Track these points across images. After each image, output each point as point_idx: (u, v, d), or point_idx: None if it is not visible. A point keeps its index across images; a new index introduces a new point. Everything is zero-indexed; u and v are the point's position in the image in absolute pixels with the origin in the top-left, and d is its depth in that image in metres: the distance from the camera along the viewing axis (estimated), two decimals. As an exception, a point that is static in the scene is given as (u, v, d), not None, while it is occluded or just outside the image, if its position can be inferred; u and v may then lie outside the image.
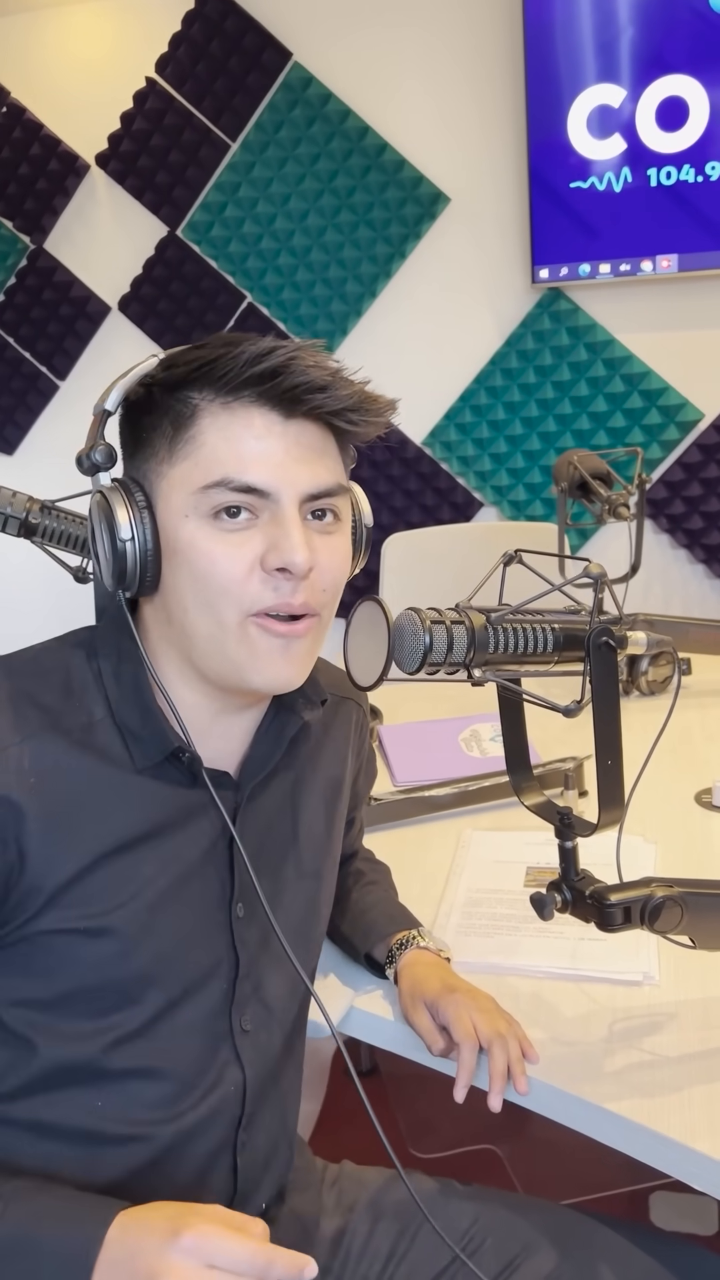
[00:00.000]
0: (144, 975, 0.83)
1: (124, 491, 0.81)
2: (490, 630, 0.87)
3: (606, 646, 0.87)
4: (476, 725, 1.79)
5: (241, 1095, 0.90)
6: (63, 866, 0.79)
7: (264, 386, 0.77)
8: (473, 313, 2.95)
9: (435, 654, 0.84)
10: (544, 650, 0.90)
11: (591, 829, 0.93)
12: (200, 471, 0.78)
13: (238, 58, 2.89)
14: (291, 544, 0.78)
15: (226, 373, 0.77)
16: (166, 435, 0.80)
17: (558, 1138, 1.96)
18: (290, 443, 0.79)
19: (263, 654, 0.81)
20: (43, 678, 0.84)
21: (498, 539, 2.54)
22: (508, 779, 1.51)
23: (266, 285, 3.06)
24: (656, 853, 1.36)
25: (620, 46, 2.58)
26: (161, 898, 0.84)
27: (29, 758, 0.79)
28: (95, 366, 3.30)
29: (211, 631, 0.80)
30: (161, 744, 0.83)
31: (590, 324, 2.85)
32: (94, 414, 0.84)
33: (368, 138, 2.86)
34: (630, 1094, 0.94)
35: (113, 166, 3.08)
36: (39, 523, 1.37)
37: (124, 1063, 0.83)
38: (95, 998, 0.81)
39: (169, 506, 0.80)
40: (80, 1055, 0.81)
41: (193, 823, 0.86)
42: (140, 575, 0.80)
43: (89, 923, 0.80)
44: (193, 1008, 0.86)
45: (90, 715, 0.83)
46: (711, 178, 2.60)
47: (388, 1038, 1.08)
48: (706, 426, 2.84)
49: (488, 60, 2.76)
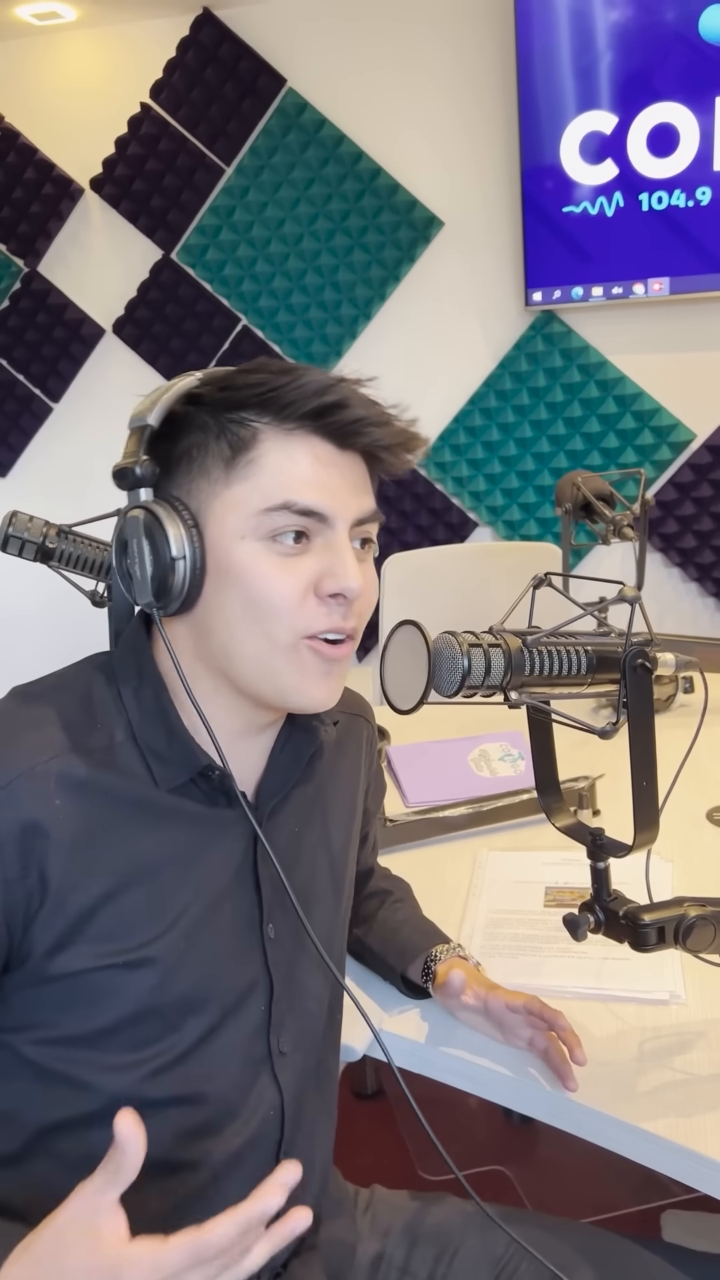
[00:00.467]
0: (184, 1002, 0.83)
1: (176, 512, 0.80)
2: (526, 653, 0.88)
3: (643, 668, 0.88)
4: (485, 745, 1.79)
5: (280, 1119, 0.90)
6: (87, 890, 0.78)
7: (326, 420, 0.79)
8: (467, 335, 2.98)
9: (473, 677, 0.85)
10: (577, 672, 0.91)
11: (625, 850, 0.94)
12: (261, 495, 0.79)
13: (232, 84, 2.91)
14: (347, 570, 0.79)
15: (292, 401, 0.78)
16: (222, 457, 0.80)
17: (566, 1158, 1.98)
18: (344, 472, 0.81)
19: (311, 675, 0.82)
20: (62, 701, 0.84)
21: (496, 559, 2.56)
22: (521, 799, 1.54)
23: (261, 308, 3.08)
24: (673, 870, 1.36)
25: (611, 74, 2.62)
26: (197, 923, 0.84)
27: (54, 779, 0.78)
28: (89, 389, 3.31)
29: (260, 651, 0.81)
30: (189, 762, 0.84)
31: (583, 346, 2.88)
32: (131, 428, 0.83)
33: (362, 162, 2.89)
34: (666, 1113, 0.94)
35: (107, 190, 3.10)
36: (56, 547, 1.37)
37: (165, 1091, 0.83)
38: (136, 1029, 0.81)
39: (222, 527, 0.80)
40: (121, 1087, 0.81)
41: (219, 844, 0.86)
42: (186, 593, 0.80)
43: (129, 955, 0.80)
44: (231, 1032, 0.86)
45: (111, 737, 0.83)
46: (702, 203, 2.64)
47: (419, 1060, 1.08)
48: (699, 446, 2.87)
49: (481, 86, 2.79)
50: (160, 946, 0.81)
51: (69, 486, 3.38)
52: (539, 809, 1.53)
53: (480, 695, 0.87)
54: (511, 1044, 1.04)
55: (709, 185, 2.62)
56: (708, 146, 2.60)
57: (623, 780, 1.60)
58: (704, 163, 2.61)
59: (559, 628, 0.90)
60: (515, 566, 2.51)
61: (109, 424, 3.33)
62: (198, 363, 3.18)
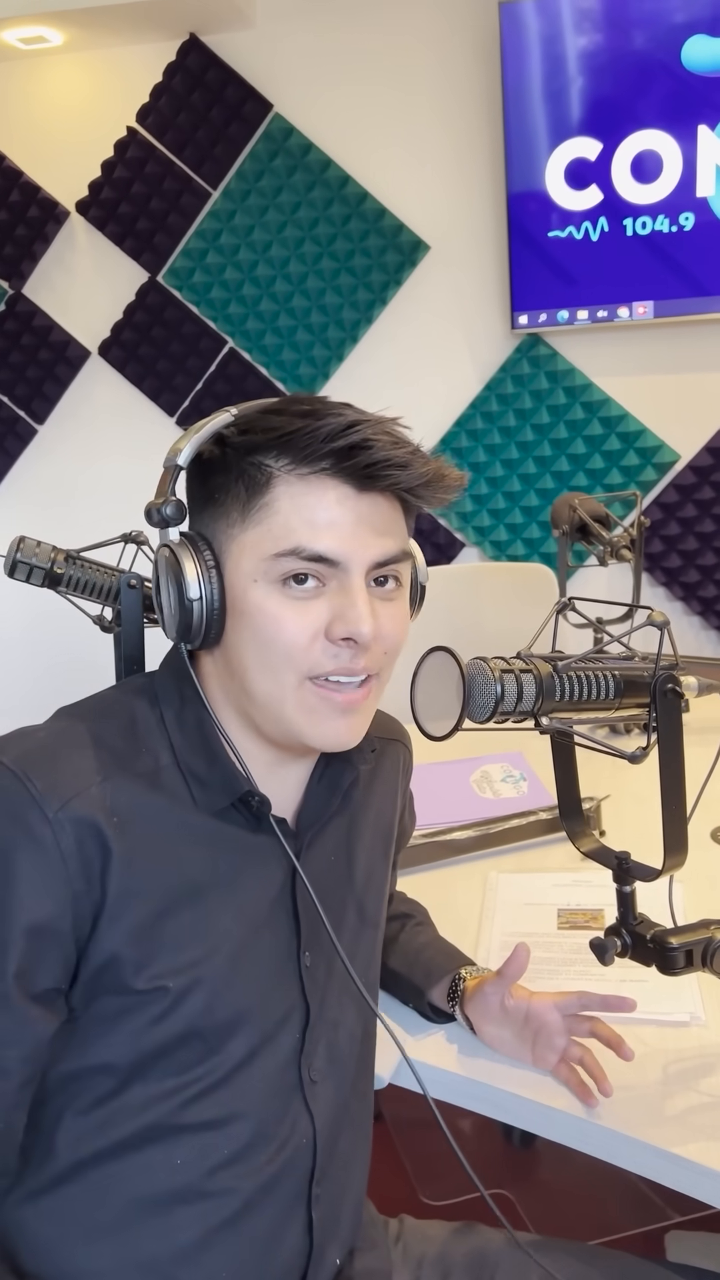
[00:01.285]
0: (225, 1027, 0.83)
1: (193, 549, 0.82)
2: (557, 678, 0.88)
3: (673, 693, 0.89)
4: (486, 766, 1.80)
5: (312, 1147, 0.90)
6: (138, 909, 0.79)
7: (344, 463, 0.79)
8: (453, 358, 3.00)
9: (506, 703, 0.85)
10: (605, 696, 0.91)
11: (654, 874, 0.94)
12: (271, 540, 0.80)
13: (219, 108, 2.93)
14: (358, 614, 0.80)
15: (307, 446, 0.78)
16: (239, 499, 0.81)
17: (567, 1180, 1.97)
18: (362, 513, 0.81)
19: (320, 715, 0.83)
20: (109, 722, 0.85)
21: (486, 579, 2.57)
22: (528, 821, 1.54)
23: (248, 330, 3.09)
24: (683, 891, 1.37)
25: (595, 101, 2.66)
26: (240, 948, 0.84)
27: (110, 797, 0.79)
28: (74, 411, 3.30)
29: (270, 691, 0.82)
30: (230, 787, 0.84)
31: (569, 368, 2.91)
32: (165, 466, 0.85)
33: (348, 187, 2.91)
34: (695, 1137, 0.95)
35: (93, 213, 3.10)
36: (64, 573, 1.36)
37: (200, 1116, 0.82)
38: (179, 1053, 0.81)
39: (238, 569, 0.81)
40: (159, 1115, 0.81)
41: (259, 870, 0.87)
42: (205, 631, 0.82)
43: (177, 978, 0.80)
44: (266, 1059, 0.86)
45: (157, 759, 0.84)
46: (685, 228, 2.68)
47: (444, 1087, 1.07)
48: (683, 468, 2.90)
49: (466, 111, 2.83)
50: (206, 969, 0.82)
51: (54, 509, 3.37)
52: (547, 830, 1.55)
53: (511, 721, 0.88)
54: (539, 1063, 1.04)
55: (692, 211, 2.66)
56: (690, 173, 2.64)
57: (627, 801, 1.62)
58: (687, 189, 2.65)
59: (590, 653, 0.91)
60: (506, 587, 2.52)
61: (94, 446, 3.32)
62: (184, 385, 3.18)
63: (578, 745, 0.99)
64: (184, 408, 3.21)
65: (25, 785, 0.77)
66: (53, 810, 0.76)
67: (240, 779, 0.85)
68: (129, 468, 3.29)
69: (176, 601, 0.82)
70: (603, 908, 1.32)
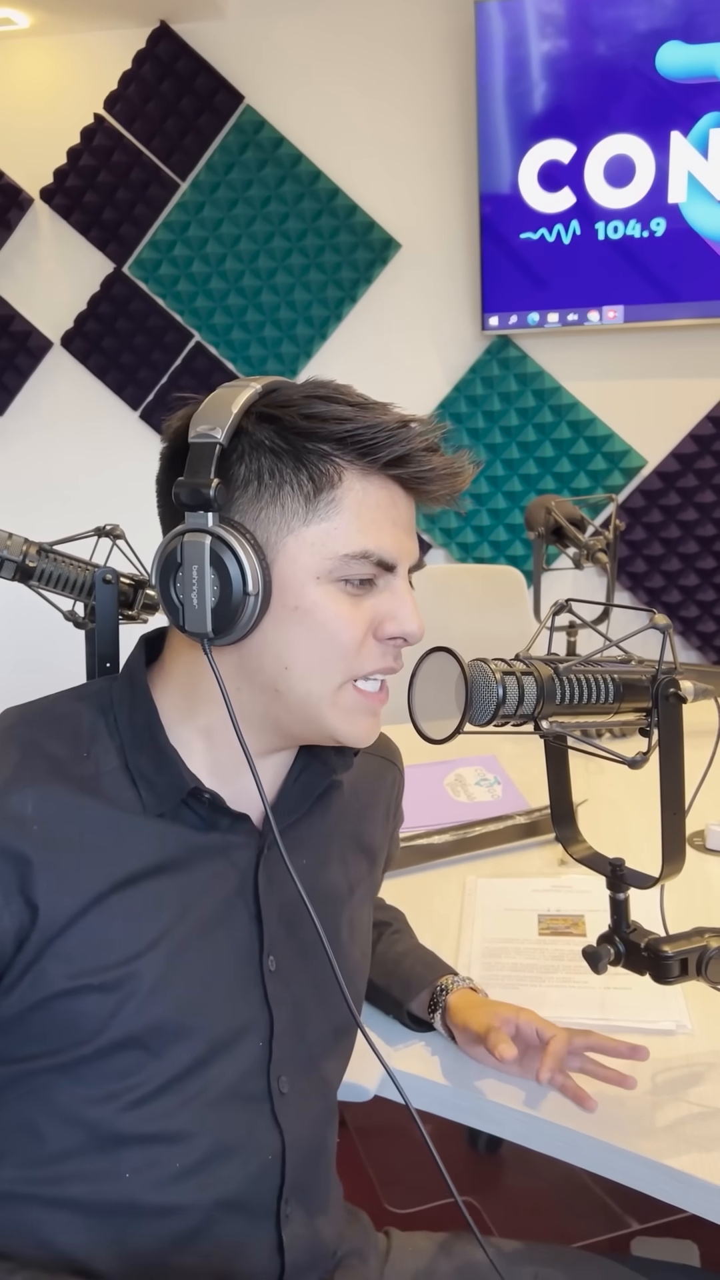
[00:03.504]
0: (164, 1029, 0.78)
1: (247, 540, 0.76)
2: (557, 681, 0.86)
3: (675, 697, 0.87)
4: (460, 770, 1.78)
5: (280, 1163, 0.85)
6: (67, 905, 0.75)
7: (405, 469, 0.78)
8: (422, 358, 2.99)
9: (507, 706, 0.83)
10: (605, 700, 0.89)
11: (651, 881, 0.92)
12: (341, 538, 0.77)
13: (189, 99, 2.89)
14: (408, 614, 0.81)
15: (376, 443, 0.76)
16: (303, 491, 0.77)
17: (533, 1186, 1.96)
18: (406, 515, 0.81)
19: (356, 714, 0.82)
20: (53, 726, 0.81)
21: (455, 581, 2.56)
22: (505, 825, 1.53)
23: (215, 325, 3.05)
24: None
25: (570, 104, 2.66)
26: (181, 945, 0.80)
27: (32, 804, 0.76)
28: (35, 403, 3.23)
29: (312, 690, 0.79)
30: (177, 785, 0.81)
31: (538, 371, 2.91)
32: (197, 442, 0.76)
33: (320, 182, 2.89)
34: (687, 1148, 0.93)
35: (58, 201, 3.05)
36: (36, 566, 1.32)
37: (147, 1126, 0.78)
38: (114, 1057, 0.77)
39: (295, 564, 0.77)
40: (98, 1119, 0.77)
41: (209, 864, 0.83)
42: (248, 626, 0.77)
43: (105, 975, 0.76)
44: (224, 1067, 0.82)
45: (98, 766, 0.80)
46: (657, 234, 2.69)
47: (428, 1099, 1.05)
48: (650, 473, 2.91)
49: (441, 110, 2.81)
50: (139, 965, 0.77)
51: (13, 502, 3.30)
52: (524, 835, 1.54)
53: (511, 724, 0.86)
54: (526, 1074, 1.02)
55: (664, 217, 2.67)
56: (663, 179, 2.65)
57: (602, 806, 1.61)
58: (659, 195, 2.66)
59: (591, 656, 0.89)
60: (475, 589, 2.51)
61: (56, 438, 3.26)
62: (148, 379, 3.13)
63: (572, 750, 0.97)
64: (148, 402, 3.16)
65: None
66: None
67: (187, 774, 0.81)
68: (91, 461, 3.24)
69: (220, 593, 0.75)
70: (583, 913, 1.31)
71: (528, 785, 1.73)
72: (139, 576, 1.38)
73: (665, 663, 0.90)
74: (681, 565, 2.95)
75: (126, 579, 1.36)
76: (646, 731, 0.91)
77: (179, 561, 0.77)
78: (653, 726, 0.89)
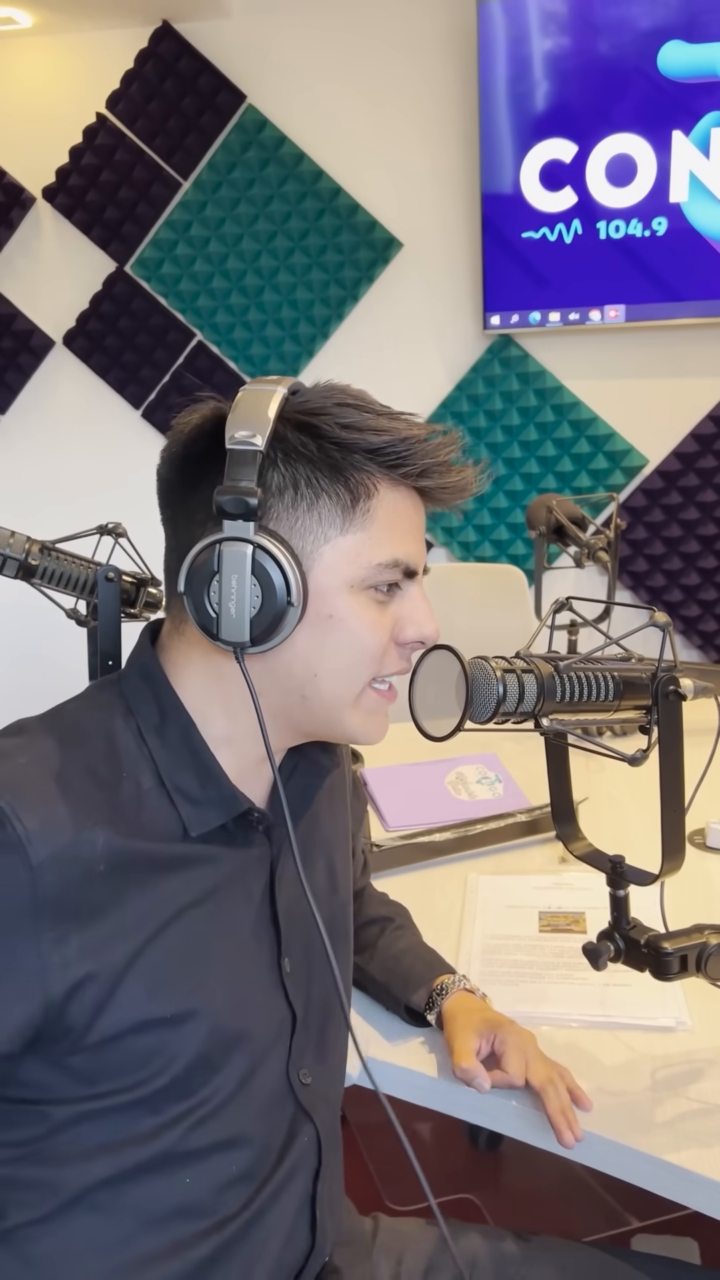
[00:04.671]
0: (226, 1047, 0.80)
1: (285, 549, 0.75)
2: (558, 678, 0.86)
3: (675, 694, 0.88)
4: (461, 768, 1.78)
5: (317, 1147, 0.89)
6: (127, 948, 0.74)
7: (431, 480, 0.80)
8: (424, 357, 2.99)
9: (508, 704, 0.83)
10: (605, 698, 0.90)
11: (651, 878, 0.93)
12: (374, 547, 0.79)
13: (191, 98, 2.89)
14: (427, 618, 0.83)
15: (408, 456, 0.78)
16: (341, 502, 0.77)
17: (533, 1183, 1.96)
18: (422, 522, 0.84)
19: (374, 715, 0.84)
20: (88, 743, 0.78)
21: (458, 580, 2.56)
22: (506, 823, 1.53)
23: (217, 324, 3.05)
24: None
25: (572, 104, 2.66)
26: (231, 966, 0.81)
27: (100, 845, 0.73)
28: (38, 402, 3.24)
29: (339, 694, 0.81)
30: (227, 806, 0.80)
31: (540, 370, 2.91)
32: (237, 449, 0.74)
33: (322, 181, 2.89)
34: (688, 1144, 0.93)
35: (60, 200, 3.05)
36: (39, 564, 1.32)
37: (208, 1139, 0.79)
38: (187, 1082, 0.77)
39: (331, 572, 0.78)
40: (168, 1143, 0.77)
41: (241, 880, 0.84)
42: (285, 636, 0.76)
43: (168, 1009, 0.76)
44: (265, 1071, 0.84)
45: (138, 784, 0.78)
46: (658, 233, 2.69)
47: (424, 1093, 1.05)
48: (651, 472, 2.91)
49: (442, 109, 2.81)
50: (196, 996, 0.77)
51: (15, 501, 3.30)
52: (525, 833, 1.54)
53: (511, 722, 0.86)
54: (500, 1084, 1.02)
55: (665, 216, 2.67)
56: (664, 179, 2.65)
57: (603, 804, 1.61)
58: (660, 194, 2.66)
59: (591, 653, 0.89)
60: (477, 588, 2.51)
61: (58, 437, 3.26)
62: (150, 378, 3.14)
63: (572, 747, 0.98)
64: (150, 400, 3.16)
65: (11, 823, 0.70)
66: (39, 856, 0.70)
67: (239, 796, 0.81)
68: (93, 460, 3.24)
69: (262, 603, 0.74)
70: (584, 911, 1.31)
71: (529, 783, 1.73)
72: (141, 574, 1.39)
73: (665, 660, 0.91)
74: (683, 564, 2.95)
75: (129, 577, 1.37)
76: (646, 729, 0.91)
77: (215, 570, 0.75)
78: (653, 724, 0.89)
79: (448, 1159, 2.04)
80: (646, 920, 0.97)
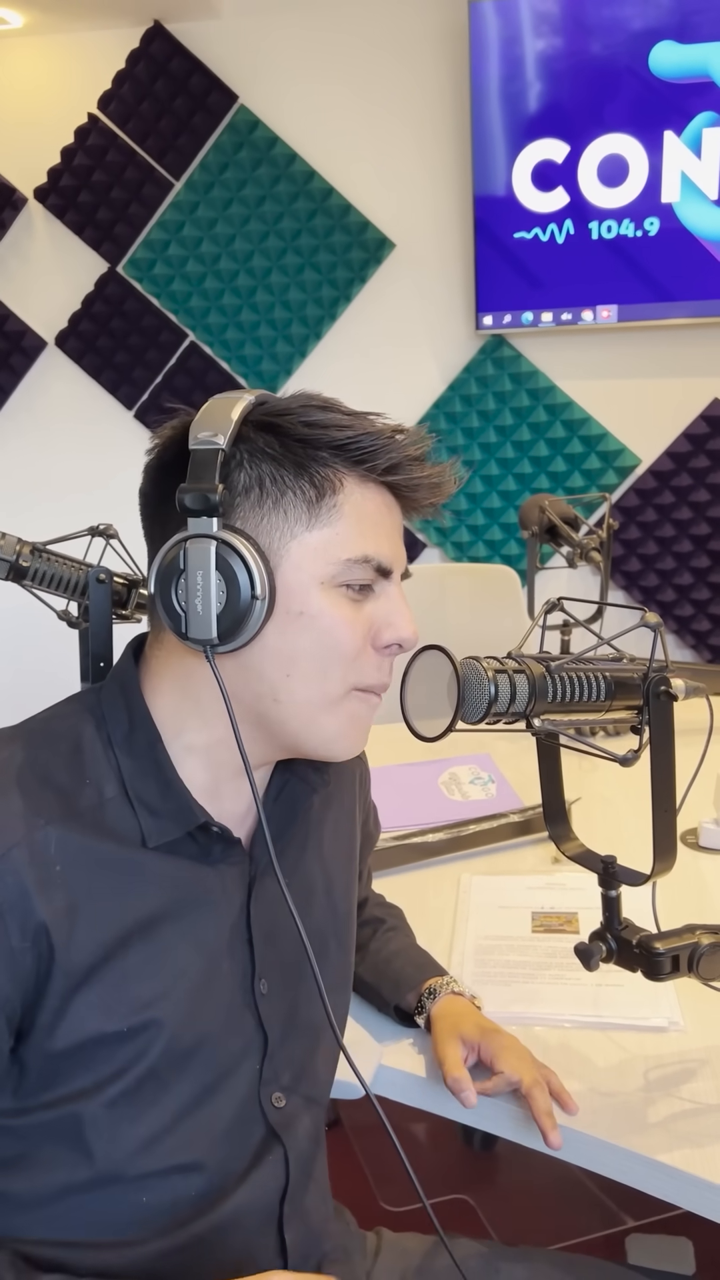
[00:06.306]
0: (182, 1066, 0.79)
1: (251, 545, 0.75)
2: (549, 679, 0.86)
3: (666, 695, 0.88)
4: (454, 768, 1.78)
5: (284, 1170, 0.87)
6: (88, 952, 0.74)
7: (398, 476, 0.79)
8: (417, 357, 2.99)
9: (499, 704, 0.83)
10: (596, 698, 0.90)
11: (642, 879, 0.93)
12: (341, 543, 0.77)
13: (183, 98, 2.89)
14: (405, 620, 0.81)
15: (373, 451, 0.77)
16: (306, 497, 0.77)
17: (527, 1184, 1.96)
18: (398, 522, 0.83)
19: (352, 725, 0.82)
20: (53, 747, 0.79)
21: (450, 581, 2.56)
22: (499, 824, 1.53)
23: (210, 325, 3.05)
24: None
25: (563, 104, 2.66)
26: (199, 983, 0.80)
27: (54, 845, 0.74)
28: (30, 402, 3.23)
29: (310, 697, 0.79)
30: (184, 818, 0.79)
31: (532, 370, 2.91)
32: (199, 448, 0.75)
33: (314, 182, 2.89)
34: (680, 1144, 0.93)
35: (52, 201, 3.04)
36: (29, 565, 1.32)
37: (163, 1161, 0.78)
38: (139, 1095, 0.77)
39: (299, 569, 0.77)
40: (120, 1159, 0.77)
41: (210, 898, 0.82)
42: (253, 632, 0.76)
43: (132, 1019, 0.75)
44: (226, 1095, 0.82)
45: (101, 793, 0.78)
46: (650, 233, 2.69)
47: (421, 1095, 1.05)
48: (644, 472, 2.92)
49: (434, 109, 2.81)
50: (164, 1008, 0.77)
51: (7, 502, 3.30)
52: (518, 833, 1.54)
53: (503, 723, 0.86)
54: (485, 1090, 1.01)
55: (657, 216, 2.67)
56: (656, 178, 2.65)
57: (595, 804, 1.61)
58: (652, 194, 2.66)
59: (582, 654, 0.89)
60: (470, 588, 2.51)
61: (50, 438, 3.26)
62: (142, 379, 3.13)
63: (564, 748, 0.98)
64: (142, 401, 3.16)
65: None
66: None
67: (196, 808, 0.80)
68: (85, 461, 3.23)
69: (227, 599, 0.75)
70: (577, 911, 1.31)
71: (522, 783, 1.73)
72: (133, 576, 1.39)
73: (656, 661, 0.91)
74: (676, 564, 2.95)
75: (120, 578, 1.37)
76: (638, 729, 0.91)
77: (181, 568, 0.75)
78: (644, 724, 0.89)
79: (442, 1159, 2.03)
80: (639, 920, 0.97)
